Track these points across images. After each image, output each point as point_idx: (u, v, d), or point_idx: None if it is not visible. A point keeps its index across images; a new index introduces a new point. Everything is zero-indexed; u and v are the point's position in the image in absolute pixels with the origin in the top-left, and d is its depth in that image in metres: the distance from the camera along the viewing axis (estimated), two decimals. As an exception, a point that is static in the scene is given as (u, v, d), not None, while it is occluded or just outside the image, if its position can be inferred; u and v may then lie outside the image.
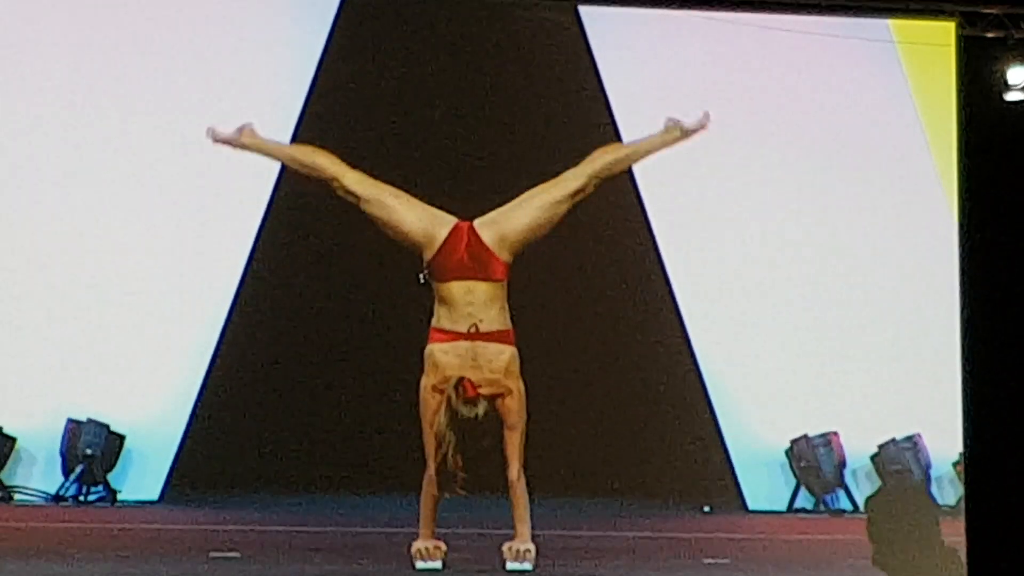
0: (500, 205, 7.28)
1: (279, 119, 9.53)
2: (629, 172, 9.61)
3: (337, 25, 9.64)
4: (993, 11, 9.24)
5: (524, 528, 6.65)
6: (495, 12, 9.78)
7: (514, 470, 6.62)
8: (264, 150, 7.06)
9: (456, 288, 6.62)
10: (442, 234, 6.69)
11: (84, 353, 9.25)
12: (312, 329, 9.38)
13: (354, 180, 6.92)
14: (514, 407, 6.59)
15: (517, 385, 6.62)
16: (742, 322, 9.83)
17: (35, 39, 9.39)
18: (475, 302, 6.62)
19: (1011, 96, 9.30)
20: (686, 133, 7.09)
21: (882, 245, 9.85)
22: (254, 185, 9.56)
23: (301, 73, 9.63)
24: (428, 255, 6.68)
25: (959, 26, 9.35)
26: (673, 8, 9.63)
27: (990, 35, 9.28)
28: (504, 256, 6.70)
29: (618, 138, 9.56)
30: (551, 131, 9.74)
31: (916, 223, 9.82)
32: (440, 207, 7.07)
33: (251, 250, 9.48)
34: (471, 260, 6.64)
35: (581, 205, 9.51)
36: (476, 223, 6.74)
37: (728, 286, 9.85)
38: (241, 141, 7.03)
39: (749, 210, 9.85)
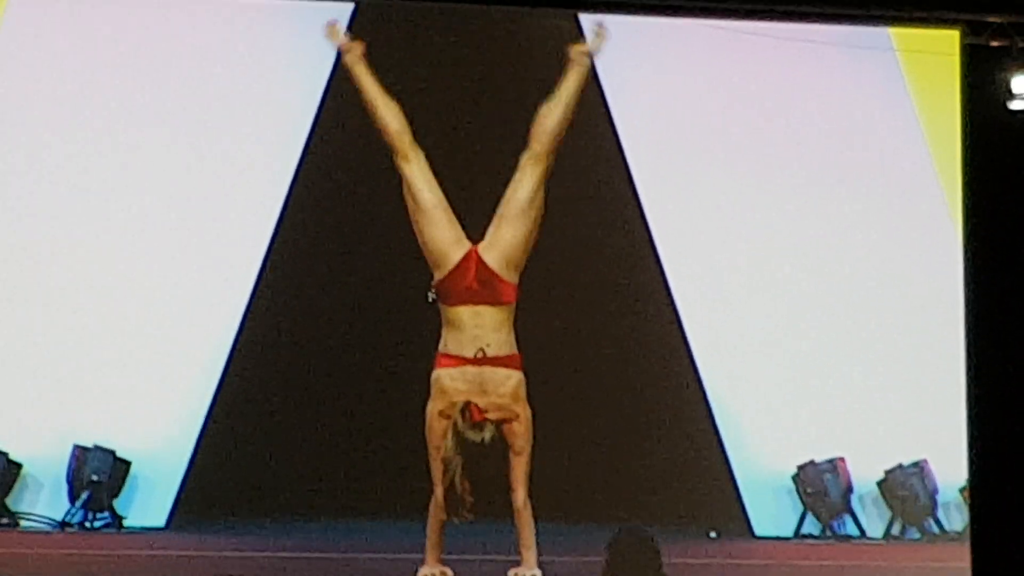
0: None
1: (291, 128, 9.57)
2: (632, 189, 9.64)
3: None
4: (997, 20, 9.21)
5: (530, 554, 6.63)
6: (495, 23, 9.80)
7: (520, 496, 6.61)
8: (361, 83, 6.99)
9: (464, 312, 6.62)
10: (455, 258, 6.68)
11: (90, 379, 9.25)
12: (318, 355, 9.38)
13: (414, 149, 6.88)
14: (521, 432, 6.58)
15: (524, 410, 6.60)
16: (748, 347, 9.82)
17: (48, 54, 9.42)
18: (483, 325, 6.61)
19: (1015, 105, 9.25)
20: (593, 46, 7.08)
21: (886, 266, 9.84)
22: (260, 212, 9.58)
23: (313, 82, 9.65)
24: (438, 276, 6.67)
25: (963, 35, 9.33)
26: (673, 16, 9.64)
27: (994, 44, 9.26)
28: (511, 278, 6.69)
29: (619, 150, 9.60)
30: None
31: (920, 241, 9.80)
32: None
33: (257, 277, 9.48)
34: (480, 285, 6.64)
35: (587, 232, 9.57)
36: (480, 248, 6.73)
37: (734, 311, 9.84)
38: (354, 56, 6.97)
39: (754, 230, 9.85)
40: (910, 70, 9.87)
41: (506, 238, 6.75)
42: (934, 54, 9.52)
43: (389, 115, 6.99)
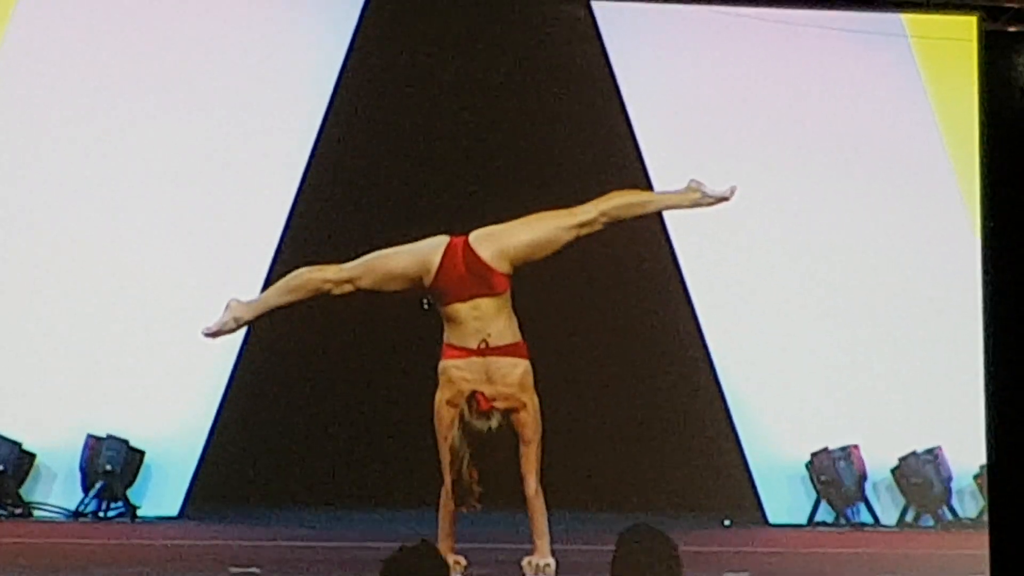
0: (515, 209, 7.23)
1: (302, 123, 9.58)
2: (646, 178, 9.63)
3: (360, 28, 9.66)
4: (1015, 5, 9.16)
5: (543, 543, 6.63)
6: (509, 10, 9.80)
7: (531, 485, 6.60)
8: (262, 308, 6.99)
9: (461, 308, 6.59)
10: (436, 258, 6.65)
11: (103, 369, 9.26)
12: (331, 345, 9.38)
13: (337, 270, 6.87)
14: (529, 421, 6.57)
15: (531, 399, 6.59)
16: (762, 334, 9.80)
17: (60, 43, 9.43)
18: (482, 317, 6.59)
19: (1034, 92, 9.21)
20: (706, 199, 7.05)
21: (902, 254, 9.82)
22: (274, 201, 9.58)
23: (325, 74, 9.65)
24: (428, 281, 6.64)
25: (980, 20, 9.28)
26: (686, 3, 9.62)
27: (1012, 29, 9.20)
28: (504, 268, 6.65)
29: (633, 139, 9.58)
30: (566, 134, 9.75)
31: (936, 230, 9.78)
32: (455, 212, 7.05)
33: (269, 267, 9.48)
34: (471, 276, 6.60)
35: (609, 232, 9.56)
36: (472, 239, 6.68)
37: (747, 299, 9.83)
38: (235, 319, 6.97)
39: (767, 219, 9.83)
40: (923, 57, 9.84)
41: (514, 234, 6.72)
42: (949, 40, 9.48)
43: (303, 279, 6.95)
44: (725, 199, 7.02)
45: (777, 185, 9.85)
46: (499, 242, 6.69)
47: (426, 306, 6.76)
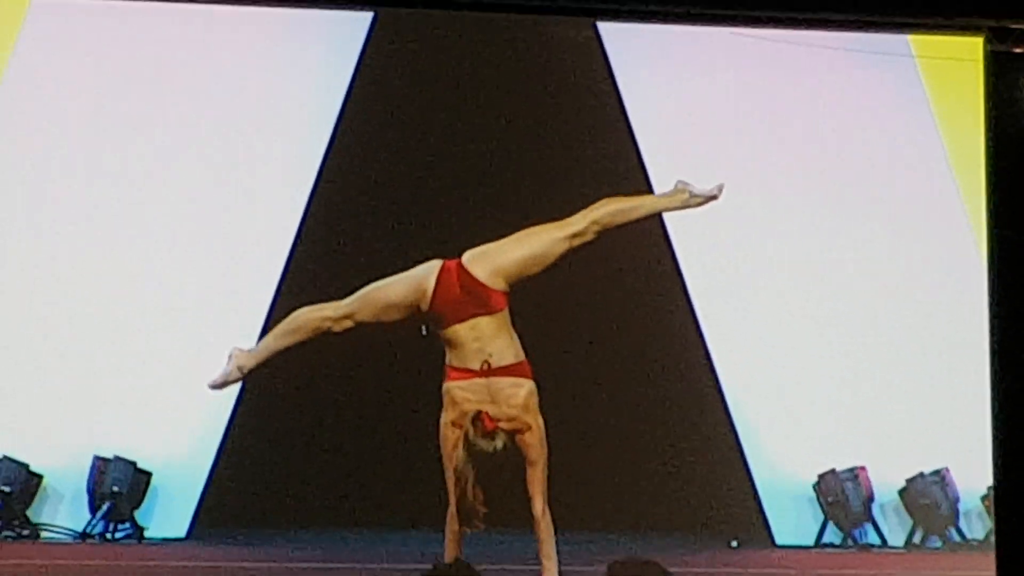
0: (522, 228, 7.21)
1: (311, 138, 9.60)
2: (649, 187, 9.62)
3: (365, 52, 9.69)
4: (1022, 26, 9.16)
5: (551, 564, 6.61)
6: (514, 31, 9.81)
7: (538, 506, 6.57)
8: (265, 354, 6.99)
9: (460, 329, 6.57)
10: (431, 282, 6.63)
11: (111, 391, 9.27)
12: (337, 366, 9.38)
13: (335, 307, 6.87)
14: (534, 443, 6.54)
15: (536, 421, 6.56)
16: (768, 355, 9.80)
17: (68, 65, 9.47)
18: (481, 337, 6.57)
19: (1039, 114, 9.20)
20: (694, 199, 7.02)
21: (908, 274, 9.82)
22: (279, 225, 9.59)
23: (332, 96, 9.68)
24: (425, 306, 6.62)
25: (987, 41, 9.29)
26: (691, 24, 9.63)
27: (1018, 50, 9.20)
28: (499, 286, 6.62)
29: (637, 155, 9.59)
30: (572, 155, 9.76)
31: (942, 248, 9.79)
32: (463, 235, 7.03)
33: (276, 289, 9.49)
34: (467, 296, 6.58)
35: (605, 239, 9.54)
36: (465, 259, 6.67)
37: (754, 319, 9.83)
38: (238, 368, 6.97)
39: (773, 238, 9.84)
40: (929, 77, 9.85)
41: (507, 251, 6.69)
42: (955, 60, 9.49)
43: (301, 319, 6.94)
44: (714, 198, 6.98)
45: (784, 206, 9.86)
46: (492, 260, 6.66)
47: (424, 333, 6.73)
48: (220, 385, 6.96)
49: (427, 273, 6.66)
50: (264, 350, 6.94)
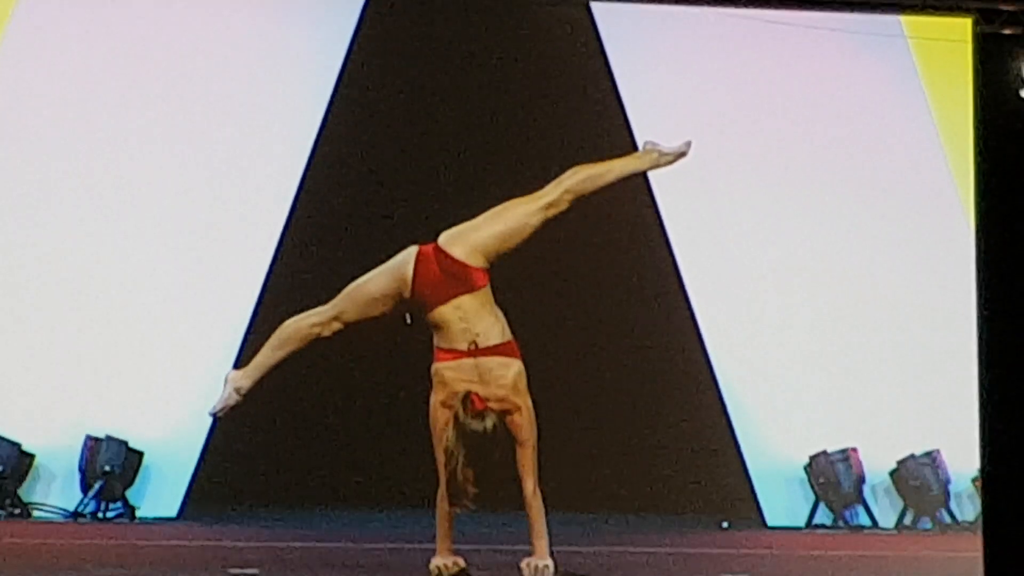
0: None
1: (304, 117, 9.59)
2: (648, 189, 9.63)
3: (359, 30, 9.69)
4: (1010, 8, 9.18)
5: (542, 544, 6.61)
6: (507, 12, 9.82)
7: (529, 486, 6.58)
8: (259, 371, 6.98)
9: (445, 311, 6.56)
10: (409, 268, 6.63)
11: (103, 371, 9.28)
12: (329, 347, 9.37)
13: (320, 312, 6.88)
14: (524, 423, 6.54)
15: (525, 401, 6.56)
16: (760, 338, 9.82)
17: (60, 43, 9.46)
18: (466, 316, 6.56)
19: (1027, 93, 9.22)
20: (664, 157, 7.00)
21: (899, 256, 9.85)
22: (272, 205, 9.59)
23: (323, 78, 9.68)
24: (407, 293, 6.63)
25: (975, 22, 9.31)
26: (684, 4, 9.64)
27: (1007, 32, 9.22)
28: (478, 263, 6.61)
29: (630, 136, 9.58)
30: (564, 132, 9.77)
31: (931, 231, 9.82)
32: (455, 216, 7.02)
33: (268, 269, 9.51)
34: (447, 277, 6.57)
35: (598, 222, 9.56)
36: (441, 240, 6.67)
37: (746, 302, 9.85)
38: (236, 390, 6.96)
39: (765, 221, 9.85)
40: (922, 58, 9.87)
41: (483, 229, 6.68)
42: (945, 41, 9.51)
43: (291, 329, 6.94)
44: (683, 154, 6.96)
45: (775, 187, 9.88)
46: (469, 238, 6.65)
47: (408, 321, 6.73)
48: (220, 411, 6.96)
49: (405, 260, 6.66)
50: (257, 368, 6.94)
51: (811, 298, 9.85)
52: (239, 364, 9.28)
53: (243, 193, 9.54)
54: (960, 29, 9.39)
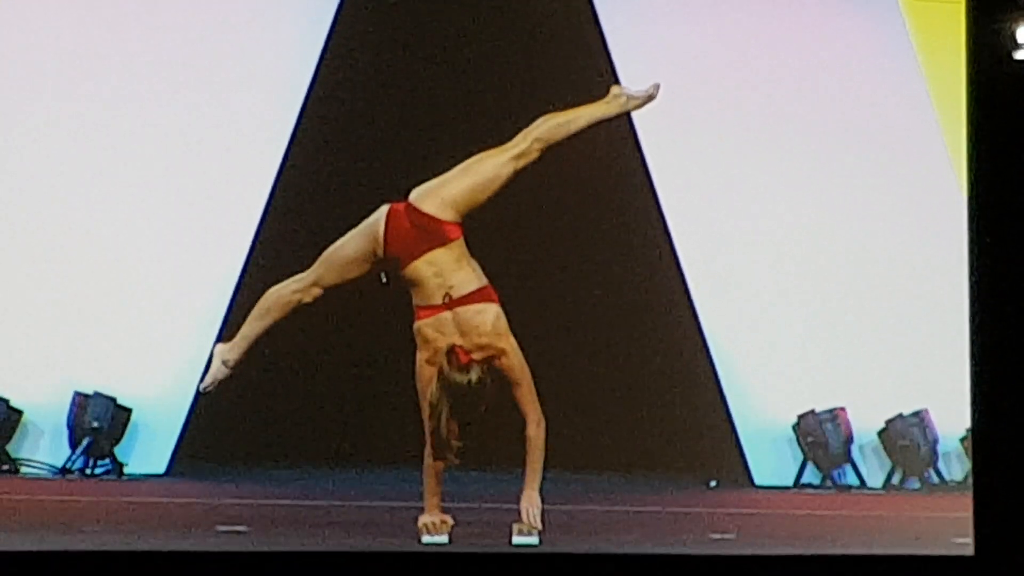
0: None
1: (290, 85, 9.55)
2: (636, 144, 9.60)
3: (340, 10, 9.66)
4: None
5: (535, 478, 6.62)
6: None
7: (532, 424, 6.59)
8: (246, 343, 7.00)
9: (419, 266, 6.56)
10: (381, 226, 6.63)
11: (91, 326, 9.26)
12: (318, 303, 9.36)
13: (299, 279, 6.88)
14: (513, 364, 6.55)
15: (509, 342, 6.56)
16: (750, 297, 9.81)
17: (40, 41, 9.40)
18: (441, 271, 6.56)
19: (1021, 55, 9.18)
20: (632, 101, 6.97)
21: (889, 217, 9.84)
22: (260, 163, 9.56)
23: (307, 52, 9.64)
24: (380, 252, 6.62)
25: (966, -19, 9.29)
26: None
27: None
28: (451, 216, 6.61)
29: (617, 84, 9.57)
30: (555, 93, 9.72)
31: (923, 193, 9.80)
32: (438, 168, 7.01)
33: (258, 224, 9.48)
34: (419, 232, 6.57)
35: (588, 184, 9.56)
36: (412, 197, 6.66)
37: (735, 260, 9.83)
38: (223, 363, 6.98)
39: (754, 181, 9.83)
40: (913, 18, 9.84)
41: (453, 183, 6.67)
42: (938, 1, 9.49)
43: (273, 298, 6.94)
44: (651, 97, 6.95)
45: (765, 148, 9.86)
46: (439, 192, 6.65)
47: (384, 280, 6.73)
48: (210, 386, 6.98)
49: (376, 219, 6.66)
50: (244, 339, 6.99)
51: (800, 257, 9.84)
52: (227, 321, 9.35)
53: (232, 152, 9.49)
54: (952, -11, 9.37)
